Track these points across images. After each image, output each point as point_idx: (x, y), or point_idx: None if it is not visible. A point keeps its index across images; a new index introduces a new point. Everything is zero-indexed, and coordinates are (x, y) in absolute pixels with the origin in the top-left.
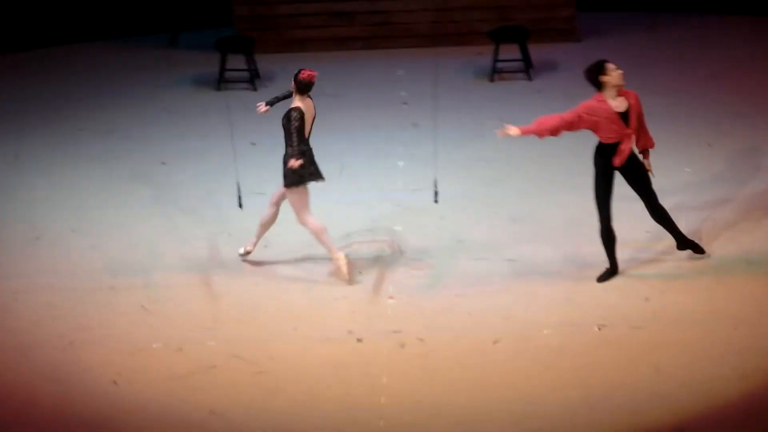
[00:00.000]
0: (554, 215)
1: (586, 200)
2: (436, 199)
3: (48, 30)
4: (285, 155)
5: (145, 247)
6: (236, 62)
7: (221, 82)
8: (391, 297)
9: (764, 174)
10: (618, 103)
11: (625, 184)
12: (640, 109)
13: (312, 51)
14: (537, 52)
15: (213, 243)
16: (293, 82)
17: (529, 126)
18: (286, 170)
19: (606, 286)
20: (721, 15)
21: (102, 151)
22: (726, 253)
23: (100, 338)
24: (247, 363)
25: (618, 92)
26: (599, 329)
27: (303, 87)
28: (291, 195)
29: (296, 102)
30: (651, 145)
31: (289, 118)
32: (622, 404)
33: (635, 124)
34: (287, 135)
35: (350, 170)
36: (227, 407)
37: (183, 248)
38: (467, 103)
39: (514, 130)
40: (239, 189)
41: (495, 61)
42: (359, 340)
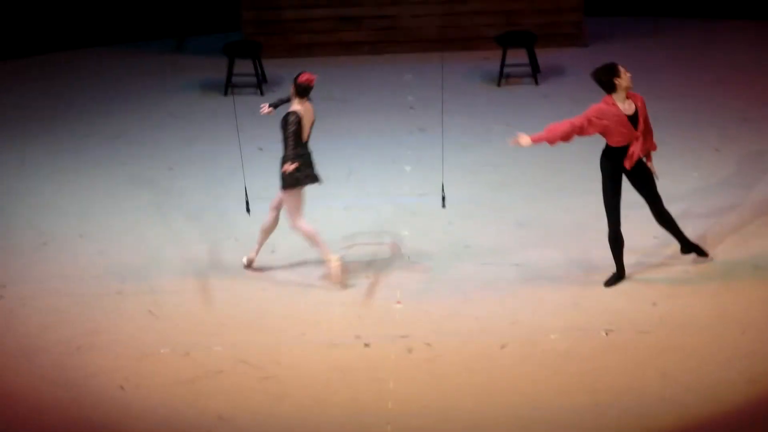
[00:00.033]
0: (561, 220)
1: (593, 205)
2: (444, 204)
3: (53, 35)
4: (282, 158)
5: (152, 253)
6: (243, 67)
7: (228, 87)
8: (399, 302)
9: None
10: (627, 106)
11: (632, 190)
12: (646, 112)
13: (319, 56)
14: (543, 57)
15: (220, 248)
16: (292, 86)
17: (540, 134)
18: (282, 173)
19: (613, 291)
20: (728, 19)
21: (108, 157)
22: (733, 258)
23: (108, 343)
24: (254, 368)
25: (627, 95)
26: (606, 334)
27: (302, 90)
28: (286, 197)
29: (295, 105)
30: (653, 148)
31: (287, 122)
32: (630, 409)
33: (642, 127)
34: (284, 138)
35: (357, 175)
36: (234, 412)
37: (190, 253)
38: (474, 108)
39: (525, 140)
40: (247, 194)
41: (502, 66)
42: (366, 345)
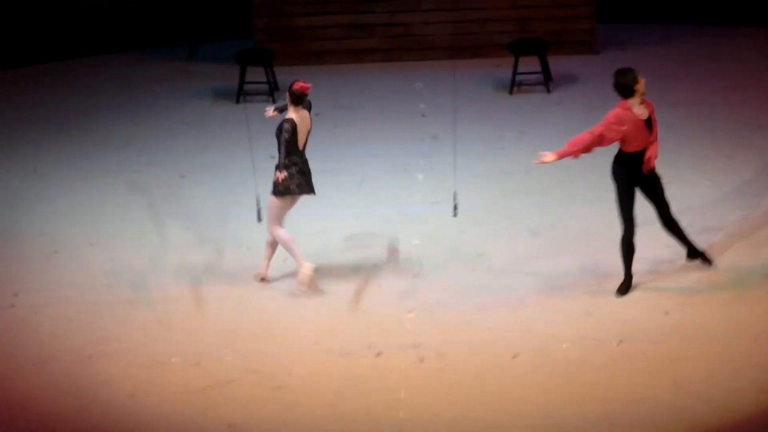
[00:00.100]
0: (574, 228)
1: (605, 213)
2: (455, 213)
3: (66, 42)
4: (276, 166)
5: (164, 261)
6: (255, 74)
7: (240, 95)
8: (410, 311)
9: None
10: (642, 111)
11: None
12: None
13: (331, 63)
14: (555, 64)
15: (232, 257)
16: (287, 93)
17: (563, 149)
18: (274, 181)
19: (625, 300)
20: (739, 26)
21: (120, 164)
22: (745, 267)
23: (119, 352)
24: (266, 377)
25: (642, 100)
26: (618, 344)
27: (296, 98)
28: (271, 202)
29: (290, 113)
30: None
31: (281, 130)
32: (641, 418)
33: (656, 131)
34: (278, 146)
35: (369, 183)
36: (245, 422)
37: (201, 262)
38: (486, 116)
39: (550, 157)
40: (258, 202)
41: (514, 74)
42: (378, 355)
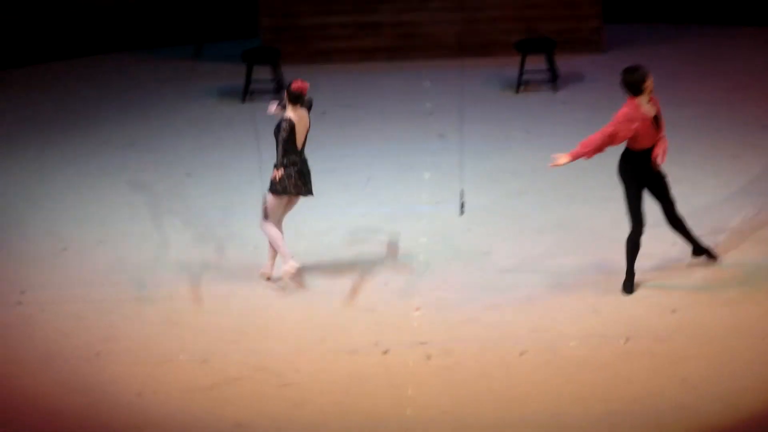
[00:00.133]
0: (580, 227)
1: (612, 211)
2: (462, 211)
3: (72, 41)
4: (274, 164)
5: (171, 259)
6: (262, 74)
7: (246, 94)
8: (417, 308)
9: None
10: (649, 108)
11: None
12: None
13: (338, 62)
14: (562, 63)
15: (238, 255)
16: (285, 93)
17: (576, 150)
18: (272, 179)
19: (632, 298)
20: (746, 26)
21: (127, 164)
22: (752, 265)
23: (126, 349)
24: (273, 375)
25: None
26: (625, 342)
27: (294, 98)
28: (269, 198)
29: (288, 113)
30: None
31: (279, 129)
32: (648, 417)
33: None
34: (276, 145)
35: (376, 181)
36: (252, 419)
37: (208, 260)
38: (493, 115)
39: (564, 159)
40: (264, 201)
41: (521, 73)
42: (385, 352)
